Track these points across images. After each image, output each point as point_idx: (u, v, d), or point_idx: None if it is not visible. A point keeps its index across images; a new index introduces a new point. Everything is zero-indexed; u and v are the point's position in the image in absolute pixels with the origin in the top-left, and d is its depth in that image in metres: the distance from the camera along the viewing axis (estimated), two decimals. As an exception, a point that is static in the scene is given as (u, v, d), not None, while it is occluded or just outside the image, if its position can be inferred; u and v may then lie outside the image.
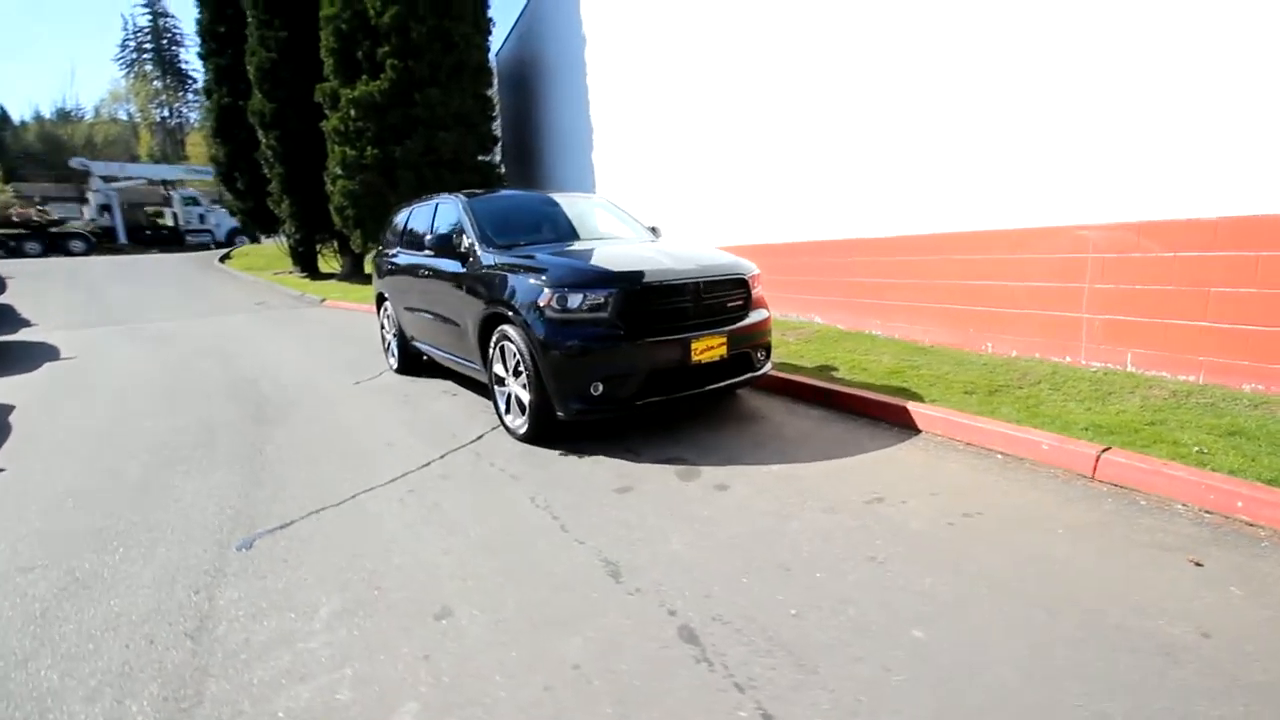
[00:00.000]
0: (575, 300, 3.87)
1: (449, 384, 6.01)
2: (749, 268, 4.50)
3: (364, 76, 13.52)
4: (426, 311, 5.60)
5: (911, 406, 4.17)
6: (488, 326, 4.47)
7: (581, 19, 12.41)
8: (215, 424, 5.03)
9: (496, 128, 15.10)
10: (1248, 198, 3.92)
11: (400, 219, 6.55)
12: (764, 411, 4.70)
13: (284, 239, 19.05)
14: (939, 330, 5.87)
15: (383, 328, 6.87)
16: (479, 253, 4.71)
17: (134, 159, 50.87)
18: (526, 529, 3.03)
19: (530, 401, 4.06)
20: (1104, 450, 3.26)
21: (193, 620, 2.42)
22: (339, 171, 13.89)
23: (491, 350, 4.43)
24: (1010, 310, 5.24)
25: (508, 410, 4.39)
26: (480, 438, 4.40)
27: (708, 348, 4.06)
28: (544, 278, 4.02)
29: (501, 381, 4.43)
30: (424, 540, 2.96)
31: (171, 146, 59.92)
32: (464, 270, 4.81)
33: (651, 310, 3.96)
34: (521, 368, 4.09)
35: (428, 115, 13.67)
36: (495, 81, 15.02)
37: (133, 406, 5.71)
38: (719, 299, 4.26)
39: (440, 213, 5.59)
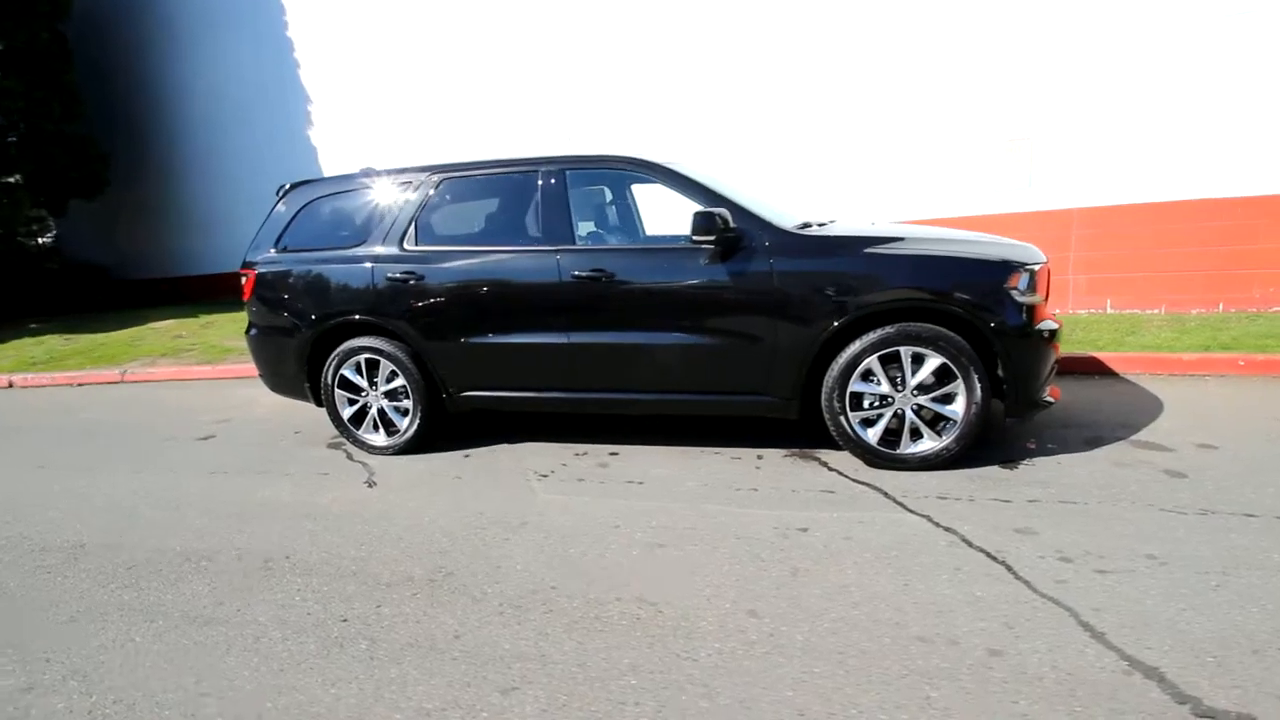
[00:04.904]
0: (1025, 281, 3.21)
1: (556, 447, 3.90)
2: None
3: None
4: (573, 335, 3.65)
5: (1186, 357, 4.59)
6: (847, 331, 3.23)
7: (263, -53, 9.14)
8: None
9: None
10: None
11: (408, 199, 3.90)
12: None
13: None
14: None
15: (341, 387, 4.00)
16: (777, 238, 3.35)
17: None
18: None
19: (969, 409, 3.13)
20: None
21: None
22: None
23: (852, 363, 3.20)
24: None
25: (911, 433, 3.24)
26: (879, 491, 3.04)
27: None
28: (985, 255, 3.29)
29: (857, 404, 3.26)
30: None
31: None
32: (738, 268, 3.33)
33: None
34: (958, 371, 3.08)
35: (-44, 47, 8.13)
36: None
37: None
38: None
39: (592, 188, 3.92)
